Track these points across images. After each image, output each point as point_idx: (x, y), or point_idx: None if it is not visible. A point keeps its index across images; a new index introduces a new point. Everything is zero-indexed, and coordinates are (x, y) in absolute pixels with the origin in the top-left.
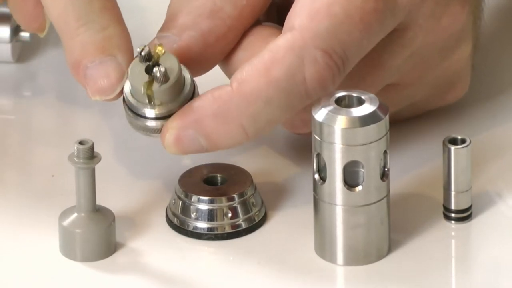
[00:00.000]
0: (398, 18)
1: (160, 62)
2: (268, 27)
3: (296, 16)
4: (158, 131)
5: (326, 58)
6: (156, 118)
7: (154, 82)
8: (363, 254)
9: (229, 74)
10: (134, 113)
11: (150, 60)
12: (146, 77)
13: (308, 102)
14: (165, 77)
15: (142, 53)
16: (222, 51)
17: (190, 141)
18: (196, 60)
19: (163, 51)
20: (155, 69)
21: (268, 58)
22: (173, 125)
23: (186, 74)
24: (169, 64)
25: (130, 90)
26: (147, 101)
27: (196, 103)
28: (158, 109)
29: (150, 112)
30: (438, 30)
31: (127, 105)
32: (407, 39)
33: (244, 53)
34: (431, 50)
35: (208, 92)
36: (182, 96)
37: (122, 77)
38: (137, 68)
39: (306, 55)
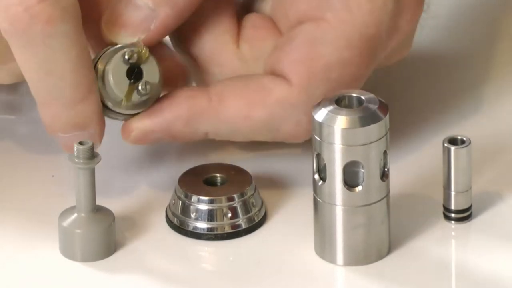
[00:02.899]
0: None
1: (142, 68)
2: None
3: (293, 67)
4: (118, 119)
5: (307, 124)
6: (122, 114)
7: (135, 93)
8: (363, 254)
9: (198, 52)
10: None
11: (132, 62)
12: (126, 82)
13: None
14: (146, 89)
15: (127, 57)
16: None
17: (154, 140)
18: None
19: (147, 55)
20: (141, 86)
21: (254, 91)
22: (141, 126)
23: (158, 71)
24: (150, 71)
25: (104, 80)
26: (120, 102)
27: (168, 106)
28: (127, 108)
29: (118, 108)
30: None
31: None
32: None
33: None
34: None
35: (181, 96)
36: (154, 98)
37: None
38: (119, 68)
39: (293, 114)
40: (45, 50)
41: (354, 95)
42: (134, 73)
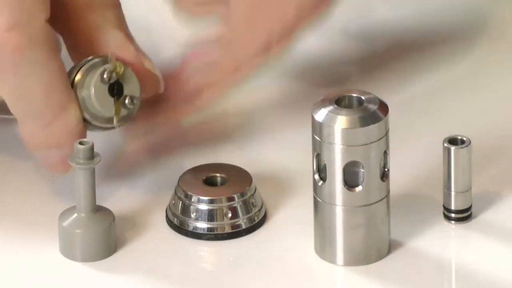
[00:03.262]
0: None
1: (122, 81)
2: None
3: None
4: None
5: None
6: (111, 128)
7: (122, 108)
8: (363, 254)
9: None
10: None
11: (111, 79)
12: (111, 101)
13: None
14: (132, 102)
15: (106, 78)
16: None
17: None
18: None
19: (122, 69)
20: (127, 101)
21: None
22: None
23: (136, 80)
24: (129, 82)
25: (86, 102)
26: (110, 119)
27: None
28: (118, 122)
29: (109, 125)
30: None
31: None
32: None
33: None
34: None
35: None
36: (137, 107)
37: (67, 169)
38: (101, 90)
39: None
40: (15, 76)
41: (354, 95)
42: (115, 89)
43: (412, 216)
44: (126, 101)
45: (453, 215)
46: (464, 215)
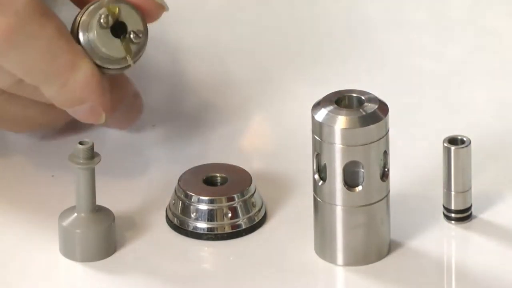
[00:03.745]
0: None
1: (122, 20)
2: None
3: None
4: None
5: None
6: (128, 66)
7: (131, 45)
8: (363, 254)
9: None
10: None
11: (110, 22)
12: (118, 41)
13: None
14: (138, 36)
15: (103, 23)
16: None
17: None
18: None
19: (117, 9)
20: (132, 36)
21: None
22: None
23: (136, 12)
24: (130, 18)
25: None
26: (124, 58)
27: None
28: (131, 59)
29: (125, 63)
30: None
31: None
32: None
33: None
34: None
35: None
36: (146, 38)
37: (98, 118)
38: (104, 36)
39: None
40: (15, 54)
41: (354, 95)
42: (118, 28)
43: (412, 216)
44: (132, 36)
45: (453, 215)
46: (464, 215)
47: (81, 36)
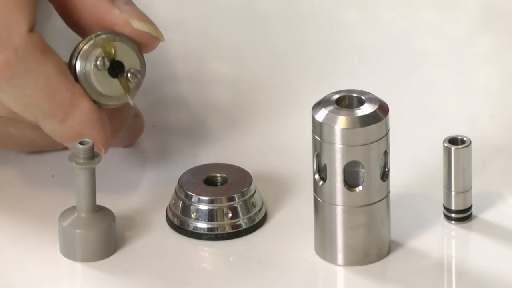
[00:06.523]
0: None
1: (118, 59)
2: None
3: None
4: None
5: None
6: (127, 103)
7: (129, 83)
8: (363, 254)
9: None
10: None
11: (106, 66)
12: (116, 81)
13: None
14: (136, 76)
15: (99, 64)
16: None
17: None
18: None
19: (112, 49)
20: (129, 75)
21: None
22: None
23: (132, 49)
24: (126, 55)
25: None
26: (123, 96)
27: None
28: (130, 97)
29: (124, 101)
30: None
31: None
32: None
33: None
34: None
35: None
36: (143, 74)
37: (100, 151)
38: (101, 77)
39: None
40: (13, 90)
41: (354, 95)
42: (116, 65)
43: (412, 216)
44: (129, 76)
45: (453, 215)
46: (464, 215)
47: (78, 75)
